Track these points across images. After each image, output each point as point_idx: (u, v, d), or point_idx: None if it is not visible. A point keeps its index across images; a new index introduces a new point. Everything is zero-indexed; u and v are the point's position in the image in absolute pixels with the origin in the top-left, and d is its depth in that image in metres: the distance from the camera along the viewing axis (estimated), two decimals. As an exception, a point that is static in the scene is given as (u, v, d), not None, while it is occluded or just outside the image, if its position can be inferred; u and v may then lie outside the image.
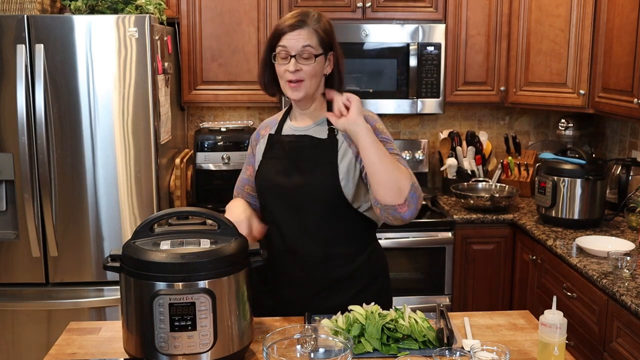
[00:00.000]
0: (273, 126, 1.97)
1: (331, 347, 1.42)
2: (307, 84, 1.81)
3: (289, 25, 1.79)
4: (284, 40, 1.79)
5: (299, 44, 1.78)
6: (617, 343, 2.19)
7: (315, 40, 1.79)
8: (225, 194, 3.30)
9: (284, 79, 1.82)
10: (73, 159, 2.77)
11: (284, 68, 1.79)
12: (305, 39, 1.78)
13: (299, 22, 1.79)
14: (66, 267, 2.83)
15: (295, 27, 1.78)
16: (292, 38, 1.78)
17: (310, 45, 1.78)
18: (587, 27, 3.05)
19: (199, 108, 3.68)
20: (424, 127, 3.82)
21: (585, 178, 2.84)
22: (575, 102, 3.15)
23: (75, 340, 1.70)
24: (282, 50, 1.79)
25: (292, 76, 1.79)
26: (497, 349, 1.42)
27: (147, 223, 1.54)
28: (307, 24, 1.79)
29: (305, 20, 1.80)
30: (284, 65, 1.79)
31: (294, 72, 1.78)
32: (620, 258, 2.28)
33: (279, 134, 1.93)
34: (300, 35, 1.78)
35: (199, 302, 1.43)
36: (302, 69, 1.79)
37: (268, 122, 2.02)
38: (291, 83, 1.80)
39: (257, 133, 2.01)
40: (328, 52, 1.83)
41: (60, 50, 2.69)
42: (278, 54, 1.81)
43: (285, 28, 1.79)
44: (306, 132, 1.89)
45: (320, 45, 1.80)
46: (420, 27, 3.32)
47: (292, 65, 1.78)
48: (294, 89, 1.81)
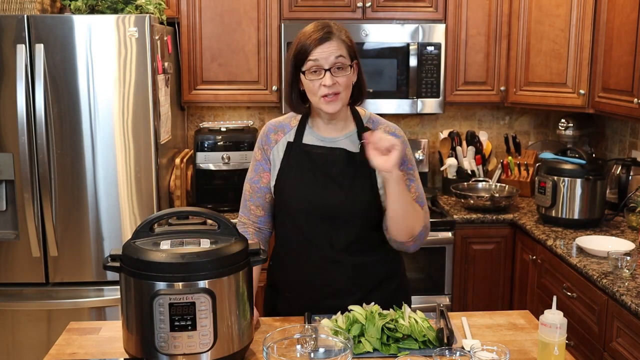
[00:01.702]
0: (287, 131, 1.89)
1: (331, 347, 1.42)
2: (343, 95, 1.76)
3: (317, 39, 1.72)
4: (314, 54, 1.72)
5: (331, 57, 1.72)
6: (617, 343, 2.19)
7: (345, 50, 1.75)
8: (225, 194, 3.34)
9: (317, 94, 1.74)
10: (73, 159, 2.77)
11: (319, 83, 1.73)
12: (336, 51, 1.72)
13: (326, 34, 1.73)
14: (66, 267, 2.83)
15: (324, 40, 1.72)
16: (323, 51, 1.72)
17: (342, 55, 1.74)
18: (587, 27, 3.05)
19: (199, 108, 3.69)
20: (424, 127, 3.82)
21: (585, 178, 2.84)
22: (575, 102, 3.15)
23: (75, 340, 1.70)
24: (314, 65, 1.73)
25: (328, 90, 1.72)
26: (497, 349, 1.42)
27: (147, 223, 1.54)
28: (334, 34, 1.75)
29: (331, 32, 1.74)
30: (318, 80, 1.73)
31: (330, 86, 1.72)
32: (620, 258, 2.28)
33: (301, 142, 1.86)
34: (331, 46, 1.72)
35: (199, 302, 1.43)
36: (338, 81, 1.73)
37: (276, 125, 1.92)
38: (327, 97, 1.74)
39: (267, 137, 1.91)
40: (353, 60, 1.79)
41: (60, 50, 2.69)
42: (308, 70, 1.74)
43: (313, 42, 1.72)
44: (337, 144, 1.84)
45: (349, 55, 1.76)
46: (420, 27, 3.32)
47: (329, 79, 1.71)
48: (330, 102, 1.74)
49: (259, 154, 1.92)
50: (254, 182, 1.92)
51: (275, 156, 1.88)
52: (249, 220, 1.94)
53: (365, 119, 1.90)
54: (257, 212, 1.93)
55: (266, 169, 1.90)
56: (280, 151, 1.88)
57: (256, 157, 1.93)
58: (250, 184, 1.93)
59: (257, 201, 1.92)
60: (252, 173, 1.93)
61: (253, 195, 1.93)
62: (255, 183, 1.92)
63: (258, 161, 1.92)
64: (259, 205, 1.93)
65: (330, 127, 1.86)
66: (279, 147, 1.88)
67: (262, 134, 1.93)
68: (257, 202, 1.92)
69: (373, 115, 1.94)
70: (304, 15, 3.31)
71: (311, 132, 1.88)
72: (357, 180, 1.82)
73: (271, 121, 1.96)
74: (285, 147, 1.87)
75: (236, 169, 3.24)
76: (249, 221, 1.94)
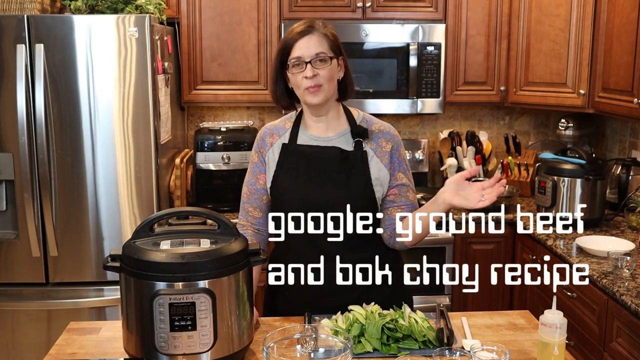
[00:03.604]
0: (282, 134, 1.93)
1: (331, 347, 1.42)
2: (326, 87, 1.80)
3: (298, 33, 1.79)
4: (295, 49, 1.78)
5: (311, 50, 1.78)
6: (617, 343, 2.19)
7: (326, 44, 1.80)
8: (225, 193, 3.34)
9: (301, 87, 1.80)
10: (73, 159, 2.77)
11: (301, 75, 1.78)
12: (316, 44, 1.78)
13: (307, 28, 1.80)
14: (66, 267, 2.83)
15: (305, 34, 1.79)
16: (304, 45, 1.78)
17: (323, 50, 1.79)
18: (587, 27, 3.05)
19: (199, 108, 3.68)
20: (424, 127, 3.82)
21: (585, 178, 2.84)
22: (575, 102, 3.15)
23: (75, 340, 1.70)
24: (295, 59, 1.78)
25: (310, 82, 1.78)
26: (497, 349, 1.42)
27: (147, 223, 1.54)
28: (316, 29, 1.80)
29: (313, 26, 1.81)
30: (300, 72, 1.79)
31: (311, 78, 1.77)
32: (620, 258, 2.28)
33: (295, 144, 1.90)
34: (311, 40, 1.78)
35: (199, 302, 1.43)
36: (319, 73, 1.78)
37: (272, 129, 1.96)
38: (310, 89, 1.79)
39: (263, 140, 1.94)
40: (339, 56, 1.84)
41: (60, 50, 2.69)
42: (291, 65, 1.79)
43: (295, 36, 1.79)
44: (331, 142, 1.88)
45: (331, 49, 1.81)
46: (420, 27, 3.32)
47: (309, 70, 1.77)
48: (313, 93, 1.79)
49: (256, 157, 1.96)
50: (251, 185, 1.95)
51: (271, 158, 1.91)
52: (248, 222, 1.97)
53: (358, 119, 1.93)
54: (255, 214, 1.96)
55: (262, 171, 1.93)
56: (275, 153, 1.91)
57: (253, 160, 1.97)
58: (247, 186, 1.97)
59: (254, 203, 1.95)
60: (250, 176, 1.97)
61: (250, 198, 1.95)
62: (252, 185, 1.95)
63: (255, 164, 1.95)
64: (256, 207, 1.95)
65: (323, 127, 1.90)
66: (274, 150, 1.92)
67: (258, 138, 1.97)
68: (254, 203, 1.95)
69: (367, 115, 1.97)
70: (304, 15, 3.31)
71: (305, 133, 1.91)
72: (352, 177, 1.84)
73: (267, 125, 2.00)
74: (280, 149, 1.91)
75: (236, 169, 3.24)
76: (248, 223, 1.97)
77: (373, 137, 1.89)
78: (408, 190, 1.92)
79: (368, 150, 1.87)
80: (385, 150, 1.89)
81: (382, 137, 1.90)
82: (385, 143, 1.89)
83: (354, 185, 1.84)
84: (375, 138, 1.89)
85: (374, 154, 1.87)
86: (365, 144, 1.87)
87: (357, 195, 1.84)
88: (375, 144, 1.89)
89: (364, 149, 1.87)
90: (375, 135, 1.90)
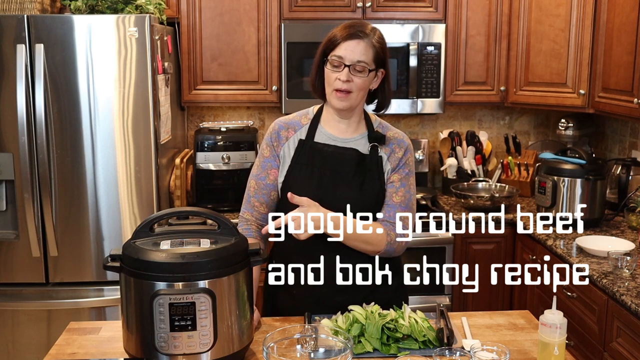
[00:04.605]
0: (299, 129, 1.92)
1: (331, 347, 1.42)
2: (354, 95, 1.81)
3: (348, 34, 1.78)
4: (340, 49, 1.78)
5: (354, 57, 1.77)
6: (617, 343, 2.19)
7: (371, 55, 1.79)
8: (225, 194, 3.34)
9: (331, 86, 1.80)
10: (73, 159, 2.77)
11: (336, 76, 1.78)
12: (362, 52, 1.78)
13: (357, 32, 1.78)
14: (66, 267, 2.83)
15: (353, 37, 1.77)
16: (350, 48, 1.77)
17: (365, 61, 1.78)
18: (587, 27, 3.05)
19: (199, 108, 3.68)
20: (424, 127, 3.82)
21: (585, 178, 2.84)
22: (575, 102, 3.15)
23: (75, 340, 1.70)
24: (337, 59, 1.78)
25: (341, 85, 1.78)
26: (497, 349, 1.42)
27: (147, 223, 1.54)
28: (366, 34, 1.79)
29: (363, 31, 1.79)
30: (336, 72, 1.78)
31: (344, 82, 1.77)
32: (620, 258, 2.28)
33: (312, 140, 1.89)
34: (358, 46, 1.77)
35: (199, 302, 1.43)
36: (353, 80, 1.78)
37: (287, 122, 1.94)
38: (338, 92, 1.79)
39: (278, 134, 1.92)
40: (379, 68, 1.84)
41: (60, 50, 2.69)
42: (330, 61, 1.79)
43: (345, 36, 1.78)
44: (349, 144, 1.89)
45: (374, 61, 1.80)
46: (420, 27, 3.32)
47: (345, 74, 1.77)
48: (340, 98, 1.80)
49: (268, 151, 1.92)
50: (260, 179, 1.92)
51: (286, 153, 1.90)
52: (252, 217, 1.94)
53: (375, 124, 1.94)
54: (261, 209, 1.93)
55: (274, 165, 1.91)
56: (291, 148, 1.90)
57: (264, 154, 1.93)
58: (255, 180, 1.93)
59: (261, 198, 1.92)
60: (259, 169, 1.93)
61: (258, 192, 1.92)
62: (261, 180, 1.92)
63: (266, 158, 1.92)
64: (263, 202, 1.92)
65: (342, 128, 1.90)
66: (289, 144, 1.90)
67: (272, 131, 1.93)
68: (261, 199, 1.92)
69: (383, 121, 1.98)
70: (304, 15, 3.31)
71: (323, 131, 1.90)
72: (366, 181, 1.85)
73: (280, 119, 1.97)
74: (296, 145, 1.89)
75: (236, 169, 3.24)
76: (252, 218, 1.94)
77: (388, 144, 1.90)
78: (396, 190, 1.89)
79: (383, 155, 1.89)
80: (397, 156, 1.90)
81: (396, 144, 1.91)
82: (398, 149, 1.91)
83: (368, 188, 1.85)
84: (390, 144, 1.91)
85: (387, 159, 1.89)
86: (380, 149, 1.89)
87: (369, 199, 1.85)
88: (390, 149, 1.90)
89: (380, 154, 1.88)
90: (390, 142, 1.91)
